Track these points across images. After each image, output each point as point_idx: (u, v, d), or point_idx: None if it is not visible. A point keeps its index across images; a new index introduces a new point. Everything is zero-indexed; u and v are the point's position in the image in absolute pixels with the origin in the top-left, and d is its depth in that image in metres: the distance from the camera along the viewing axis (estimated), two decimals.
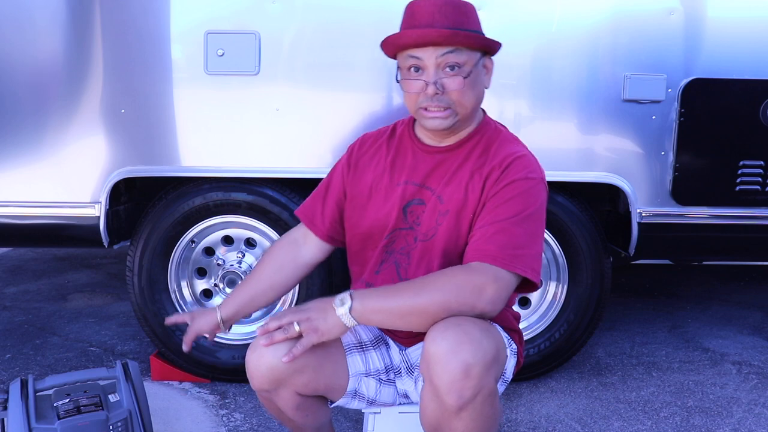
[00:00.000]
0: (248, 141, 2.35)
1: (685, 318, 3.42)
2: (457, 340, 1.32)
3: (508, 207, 1.45)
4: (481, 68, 1.52)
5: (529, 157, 1.54)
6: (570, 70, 2.32)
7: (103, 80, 2.31)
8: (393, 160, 1.63)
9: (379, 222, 1.62)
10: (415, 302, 1.38)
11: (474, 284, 1.38)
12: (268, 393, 1.55)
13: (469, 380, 1.31)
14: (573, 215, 2.46)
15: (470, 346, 1.31)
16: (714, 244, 2.49)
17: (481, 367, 1.32)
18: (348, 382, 1.60)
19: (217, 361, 2.53)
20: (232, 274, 2.53)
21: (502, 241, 1.42)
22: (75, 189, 2.36)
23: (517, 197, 1.46)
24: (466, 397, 1.32)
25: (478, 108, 1.57)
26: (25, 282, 3.94)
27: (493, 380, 1.36)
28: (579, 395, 2.53)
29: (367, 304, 1.40)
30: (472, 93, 1.50)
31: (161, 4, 2.29)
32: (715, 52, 2.29)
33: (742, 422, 2.33)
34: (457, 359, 1.30)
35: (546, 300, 2.59)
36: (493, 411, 1.40)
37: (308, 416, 1.61)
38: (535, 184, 1.49)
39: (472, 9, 1.50)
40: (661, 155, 2.35)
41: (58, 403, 1.78)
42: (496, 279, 1.39)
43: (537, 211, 1.47)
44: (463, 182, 1.53)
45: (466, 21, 1.46)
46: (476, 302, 1.37)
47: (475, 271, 1.40)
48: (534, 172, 1.51)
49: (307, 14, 2.30)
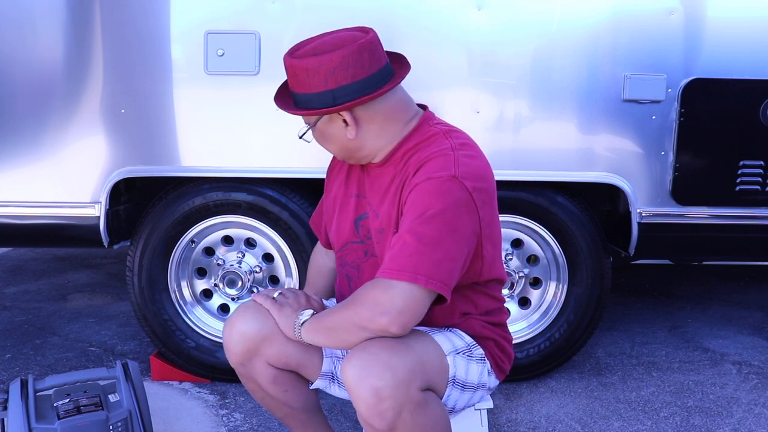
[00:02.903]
0: (248, 141, 2.35)
1: (685, 318, 3.42)
2: (362, 365, 1.34)
3: (407, 214, 1.40)
4: (328, 125, 1.49)
5: (445, 155, 1.43)
6: (570, 70, 2.32)
7: (103, 80, 2.31)
8: (348, 173, 1.65)
9: (337, 235, 1.65)
10: (335, 320, 1.44)
11: (370, 299, 1.37)
12: (244, 368, 1.60)
13: (384, 402, 1.33)
14: (573, 215, 2.46)
15: (376, 369, 1.33)
16: (714, 244, 2.49)
17: (392, 387, 1.33)
18: (322, 362, 1.62)
19: (217, 361, 2.53)
20: (232, 274, 2.53)
21: (396, 252, 1.37)
22: (75, 189, 2.36)
23: (416, 202, 1.39)
24: (389, 417, 1.34)
25: (356, 149, 1.51)
26: (25, 282, 3.94)
27: (415, 392, 1.36)
28: (579, 395, 2.53)
29: (312, 323, 1.49)
30: (327, 145, 1.55)
31: (161, 4, 2.29)
32: (715, 52, 2.29)
33: (742, 422, 2.33)
34: (365, 386, 1.33)
35: (546, 300, 2.59)
36: (430, 418, 1.40)
37: (287, 392, 1.64)
38: (439, 184, 1.38)
39: (315, 66, 1.41)
40: (661, 155, 2.35)
41: (58, 403, 1.78)
42: (386, 291, 1.35)
43: (440, 212, 1.36)
44: (390, 198, 1.50)
45: (310, 84, 1.43)
46: (373, 316, 1.36)
47: (370, 286, 1.39)
48: (441, 170, 1.40)
49: (307, 14, 2.30)
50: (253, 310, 1.58)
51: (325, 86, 1.42)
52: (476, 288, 1.56)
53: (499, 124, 2.33)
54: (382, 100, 1.47)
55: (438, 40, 2.28)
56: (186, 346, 2.53)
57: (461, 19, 2.28)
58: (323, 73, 1.41)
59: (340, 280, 1.68)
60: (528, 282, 2.59)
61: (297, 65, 1.43)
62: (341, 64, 1.40)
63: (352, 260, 1.62)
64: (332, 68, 1.40)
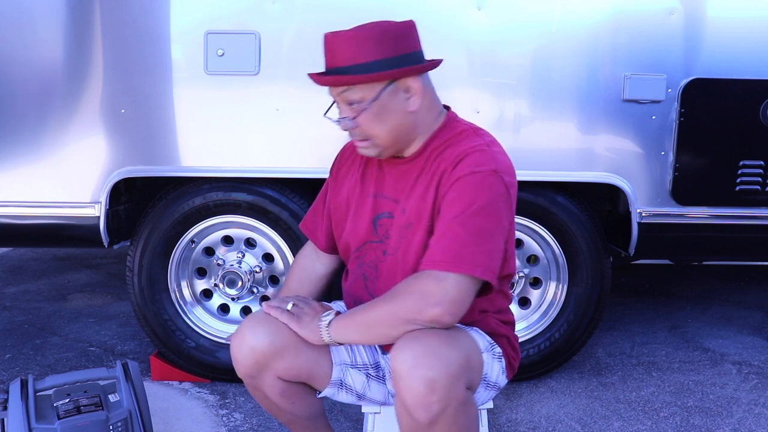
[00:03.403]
0: (248, 141, 2.35)
1: (685, 318, 3.42)
2: (415, 355, 1.32)
3: (453, 207, 1.41)
4: (393, 96, 1.44)
5: (482, 151, 1.45)
6: (570, 70, 2.32)
7: (103, 80, 2.31)
8: (363, 172, 1.64)
9: (353, 235, 1.63)
10: (374, 316, 1.42)
11: (418, 291, 1.37)
12: (253, 379, 1.57)
13: (434, 395, 1.31)
14: (573, 215, 2.46)
15: (431, 360, 1.31)
16: (714, 244, 2.49)
17: (446, 379, 1.31)
18: (332, 371, 1.60)
19: (217, 361, 2.53)
20: (232, 274, 2.53)
21: (446, 243, 1.38)
22: (75, 189, 2.36)
23: (462, 195, 1.41)
24: (434, 411, 1.32)
25: (406, 133, 1.49)
26: (25, 282, 3.94)
27: (462, 390, 1.36)
28: (579, 395, 2.53)
29: (341, 322, 1.47)
30: (380, 126, 1.46)
31: (161, 4, 2.29)
32: (715, 52, 2.29)
33: (742, 422, 2.33)
34: (418, 375, 1.31)
35: (546, 300, 2.59)
36: (467, 418, 1.40)
37: (294, 403, 1.62)
38: (483, 178, 1.41)
39: (382, 35, 1.41)
40: (661, 155, 2.35)
41: (58, 403, 1.78)
42: (440, 282, 1.36)
43: (486, 205, 1.39)
44: (421, 192, 1.50)
45: (362, 54, 1.40)
46: (423, 307, 1.36)
47: (418, 278, 1.39)
48: (483, 165, 1.42)
49: (307, 14, 2.30)
50: (264, 323, 1.53)
51: (393, 52, 1.41)
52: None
53: (499, 124, 2.33)
54: (429, 79, 1.52)
55: (438, 40, 2.28)
56: (186, 346, 2.53)
57: (461, 19, 2.28)
58: (390, 38, 1.42)
59: (354, 281, 1.65)
60: (528, 282, 2.59)
61: (358, 34, 1.41)
62: (403, 33, 1.44)
63: (370, 260, 1.60)
64: (397, 35, 1.43)
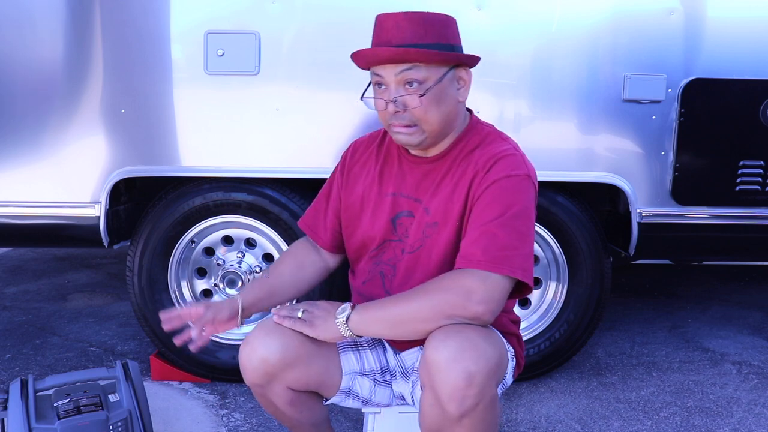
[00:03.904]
0: (248, 141, 2.35)
1: (685, 318, 3.42)
2: (458, 347, 1.31)
3: (491, 209, 1.42)
4: (450, 82, 1.46)
5: (513, 155, 1.48)
6: (570, 70, 2.32)
7: (103, 80, 2.31)
8: (381, 171, 1.62)
9: (370, 233, 1.61)
10: (408, 309, 1.40)
11: (462, 287, 1.37)
12: (262, 388, 1.55)
13: (472, 388, 1.30)
14: (573, 215, 2.46)
15: (473, 353, 1.31)
16: (714, 244, 2.49)
17: (484, 375, 1.31)
18: (341, 380, 1.60)
19: (217, 361, 2.53)
20: (232, 274, 2.53)
21: (487, 244, 1.39)
22: (75, 189, 2.36)
23: (500, 197, 1.42)
24: (467, 405, 1.31)
25: (451, 122, 1.50)
26: (25, 282, 3.94)
27: (494, 387, 1.36)
28: (579, 395, 2.53)
29: (364, 315, 1.43)
30: (437, 109, 1.45)
31: (161, 4, 2.29)
32: (715, 52, 2.29)
33: (742, 422, 2.33)
34: (459, 367, 1.30)
35: (546, 300, 2.59)
36: (494, 417, 1.39)
37: (302, 412, 1.61)
38: (519, 182, 1.44)
39: (442, 21, 1.44)
40: (661, 155, 2.35)
41: (58, 403, 1.78)
42: (484, 281, 1.37)
43: (523, 209, 1.43)
44: (448, 192, 1.50)
45: (429, 34, 1.40)
46: (466, 304, 1.36)
47: (462, 275, 1.39)
48: (517, 168, 1.45)
49: (307, 14, 2.29)
50: (275, 334, 1.50)
51: (455, 39, 1.47)
52: None
53: (499, 124, 2.28)
54: None
55: None
56: (186, 346, 2.52)
57: (461, 19, 2.24)
58: (450, 27, 1.46)
59: (369, 279, 1.63)
60: None
61: (427, 16, 1.42)
62: (455, 26, 1.49)
63: (388, 258, 1.60)
64: (454, 26, 1.48)
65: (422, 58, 1.40)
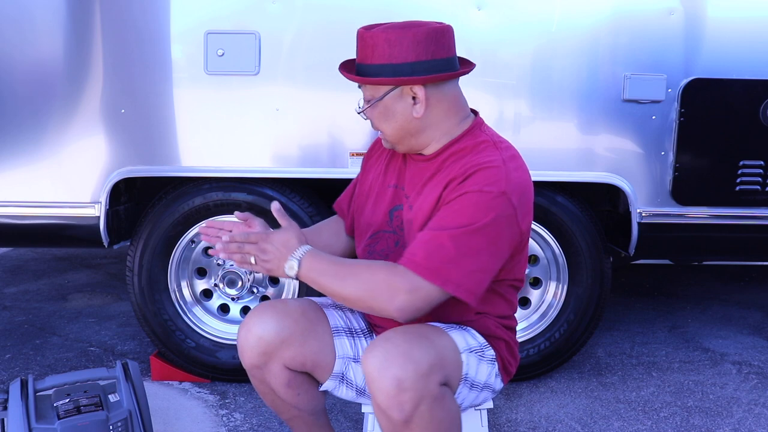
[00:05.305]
0: (248, 141, 2.35)
1: (685, 318, 3.42)
2: (384, 355, 1.35)
3: (451, 218, 1.41)
4: (396, 100, 1.49)
5: (495, 168, 1.44)
6: (570, 70, 2.32)
7: (103, 80, 2.31)
8: (388, 163, 1.66)
9: (370, 221, 1.66)
10: (340, 286, 1.43)
11: (391, 287, 1.39)
12: (259, 370, 1.59)
13: (404, 393, 1.33)
14: (573, 215, 2.46)
15: (399, 360, 1.34)
16: (714, 244, 2.49)
17: (414, 378, 1.34)
18: (334, 363, 1.62)
19: (217, 361, 2.53)
20: (232, 274, 2.53)
21: (432, 251, 1.39)
22: (75, 189, 2.36)
23: (463, 210, 1.41)
24: (407, 409, 1.34)
25: (415, 134, 1.52)
26: (25, 282, 3.94)
27: (434, 386, 1.37)
28: (579, 395, 2.53)
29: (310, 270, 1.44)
30: (387, 125, 1.51)
31: (161, 4, 2.29)
32: (715, 52, 2.29)
33: (742, 422, 2.33)
34: (388, 375, 1.34)
35: (546, 300, 2.59)
36: (446, 412, 1.41)
37: (300, 395, 1.64)
38: (490, 199, 1.40)
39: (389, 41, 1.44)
40: (661, 155, 2.35)
41: (58, 403, 1.78)
42: (413, 288, 1.38)
43: (483, 227, 1.39)
44: (428, 193, 1.52)
45: (374, 55, 1.46)
46: (387, 305, 1.39)
47: (396, 273, 1.40)
48: (494, 185, 1.41)
49: (307, 14, 2.30)
50: (270, 313, 1.57)
51: (405, 58, 1.44)
52: (495, 290, 1.57)
53: (499, 124, 2.32)
54: (450, 87, 1.52)
55: None
56: (186, 346, 2.53)
57: (461, 19, 2.28)
58: (406, 44, 1.44)
59: None
60: (528, 282, 2.59)
61: (379, 35, 1.45)
62: (425, 40, 1.44)
63: (381, 249, 1.62)
64: (416, 41, 1.44)
65: (353, 79, 1.52)
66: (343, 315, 1.69)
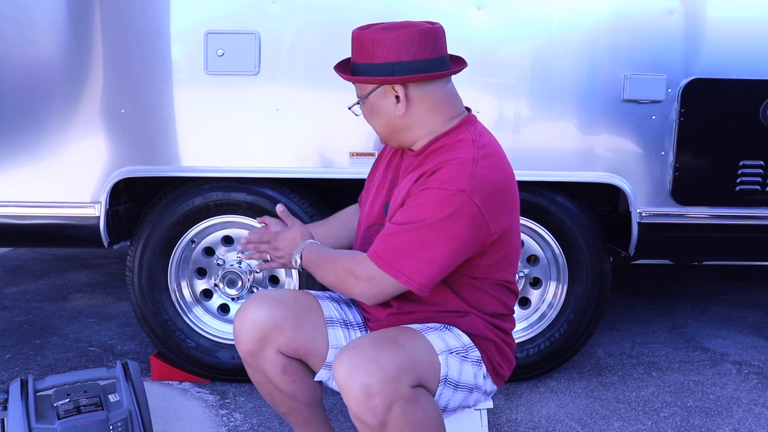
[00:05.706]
0: (248, 141, 2.35)
1: (685, 318, 3.42)
2: (351, 362, 1.40)
3: (411, 212, 1.49)
4: (380, 98, 1.57)
5: (461, 165, 1.46)
6: (570, 70, 2.32)
7: (103, 80, 2.31)
8: (391, 158, 1.72)
9: (369, 214, 1.71)
10: (323, 275, 1.60)
11: (352, 274, 1.53)
12: (255, 358, 1.64)
13: (374, 398, 1.37)
14: (573, 215, 2.46)
15: (366, 367, 1.38)
16: (714, 244, 2.49)
17: (382, 383, 1.37)
18: (327, 353, 1.65)
19: (217, 361, 2.53)
20: (232, 274, 2.53)
21: (391, 244, 1.49)
22: (75, 189, 2.36)
23: (423, 205, 1.47)
24: (380, 413, 1.38)
25: (401, 131, 1.59)
26: (25, 282, 3.94)
27: (405, 388, 1.40)
28: (579, 395, 2.53)
29: (308, 262, 1.64)
30: (373, 121, 1.63)
31: (161, 4, 2.29)
32: (715, 52, 2.29)
33: (742, 422, 2.33)
34: (355, 382, 1.38)
35: (546, 300, 2.59)
36: (422, 411, 1.43)
37: (295, 382, 1.68)
38: (447, 197, 1.44)
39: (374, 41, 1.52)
40: (661, 155, 2.35)
41: (58, 403, 1.78)
42: (369, 276, 1.50)
43: (437, 222, 1.44)
44: (404, 185, 1.57)
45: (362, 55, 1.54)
46: (351, 291, 1.55)
47: (357, 262, 1.53)
48: (454, 183, 1.44)
49: (307, 14, 2.30)
50: (263, 299, 1.65)
51: (386, 58, 1.52)
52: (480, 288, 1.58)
53: (499, 124, 2.32)
54: (435, 87, 1.56)
55: None
56: (186, 346, 2.53)
57: (461, 19, 2.28)
58: (388, 45, 1.51)
59: None
60: (528, 282, 2.59)
61: (365, 36, 1.53)
62: (406, 41, 1.51)
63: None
64: (397, 42, 1.51)
65: (343, 77, 1.61)
66: (339, 307, 1.73)
